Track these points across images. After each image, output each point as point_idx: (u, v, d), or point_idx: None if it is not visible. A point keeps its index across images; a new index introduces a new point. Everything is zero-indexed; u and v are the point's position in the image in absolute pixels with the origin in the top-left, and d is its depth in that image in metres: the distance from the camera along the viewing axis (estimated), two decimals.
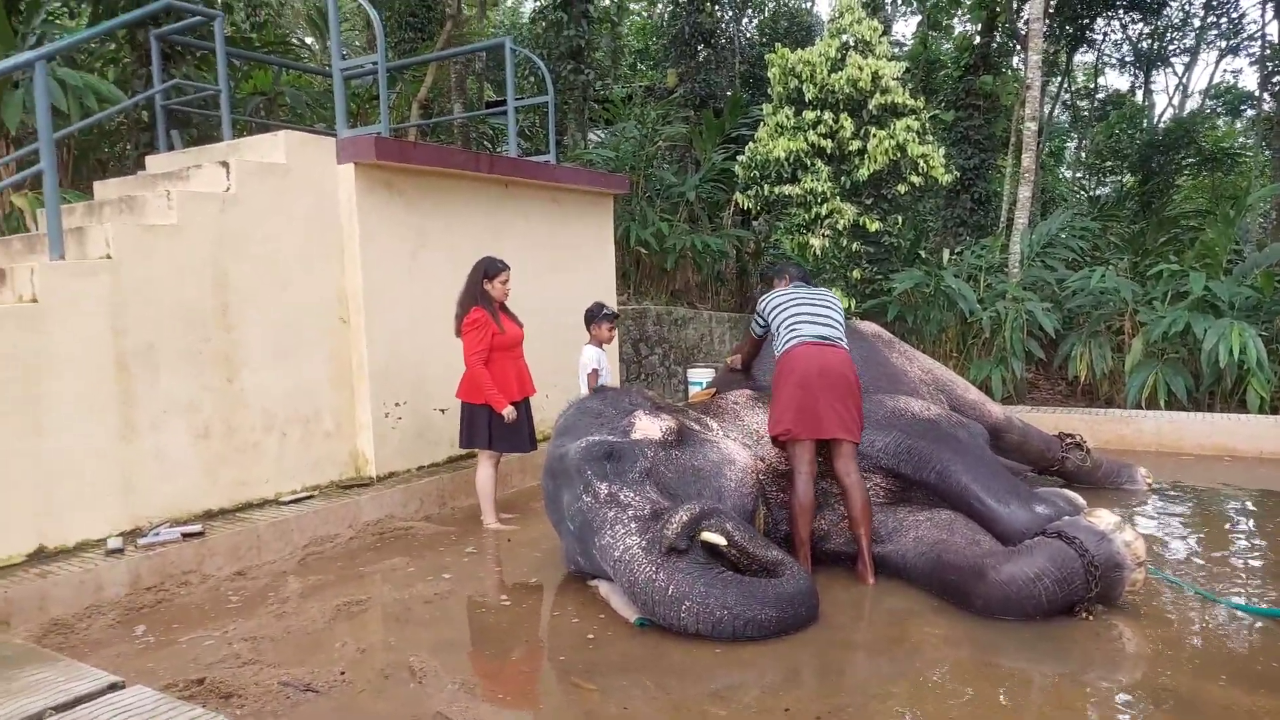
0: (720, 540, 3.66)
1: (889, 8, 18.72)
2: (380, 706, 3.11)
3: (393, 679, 3.32)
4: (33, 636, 3.69)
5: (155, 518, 4.61)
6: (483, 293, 5.08)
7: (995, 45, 15.01)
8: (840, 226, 9.94)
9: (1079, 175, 24.69)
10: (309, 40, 14.47)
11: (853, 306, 10.14)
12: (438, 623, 3.94)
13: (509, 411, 5.05)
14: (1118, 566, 3.56)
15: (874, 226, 9.94)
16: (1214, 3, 20.72)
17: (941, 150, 10.14)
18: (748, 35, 18.13)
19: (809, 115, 10.03)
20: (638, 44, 20.12)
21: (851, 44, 10.16)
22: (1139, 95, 25.87)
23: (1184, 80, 26.71)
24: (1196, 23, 22.96)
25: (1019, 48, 16.48)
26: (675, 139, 12.21)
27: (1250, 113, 21.87)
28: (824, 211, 9.98)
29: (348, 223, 5.47)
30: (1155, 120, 25.13)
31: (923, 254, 10.78)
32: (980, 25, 15.17)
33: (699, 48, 14.25)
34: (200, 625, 3.89)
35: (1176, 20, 22.29)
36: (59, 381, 4.21)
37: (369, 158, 5.34)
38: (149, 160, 5.98)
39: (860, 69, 9.81)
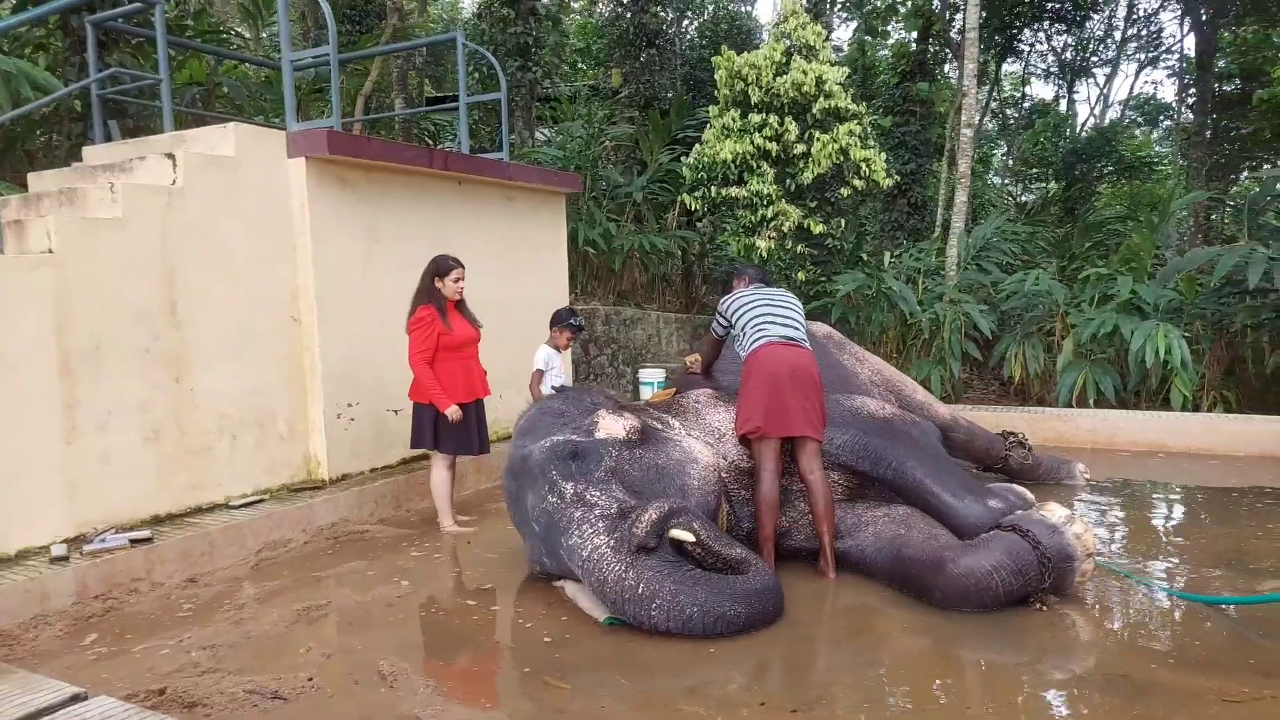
0: (689, 537, 3.70)
1: (829, 13, 19.04)
2: (353, 711, 3.07)
3: (362, 683, 3.27)
4: None
5: (101, 523, 4.45)
6: (433, 290, 4.99)
7: (931, 54, 15.38)
8: (786, 229, 10.08)
9: (1006, 182, 25.47)
10: (243, 30, 14.09)
11: None
12: (401, 626, 3.89)
13: (453, 411, 4.97)
14: (1069, 558, 3.70)
15: (818, 229, 10.11)
16: (1135, 17, 21.58)
17: (883, 155, 10.36)
18: (688, 37, 18.26)
19: (754, 118, 10.14)
20: (579, 43, 20.10)
21: (796, 48, 10.31)
22: (1063, 105, 26.80)
23: (1105, 91, 27.76)
24: (1118, 35, 23.91)
25: (951, 56, 16.97)
26: (621, 139, 12.22)
27: (1167, 123, 22.82)
28: (770, 214, 10.11)
29: (299, 219, 5.36)
30: (1078, 129, 26.09)
31: (864, 257, 11.01)
32: (916, 33, 15.54)
33: (643, 48, 14.31)
34: (154, 634, 3.77)
35: (1099, 33, 23.19)
36: None
37: (321, 152, 5.23)
38: (86, 151, 5.75)
39: (804, 73, 9.96)
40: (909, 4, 16.03)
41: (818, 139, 9.97)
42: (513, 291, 6.86)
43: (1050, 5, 19.34)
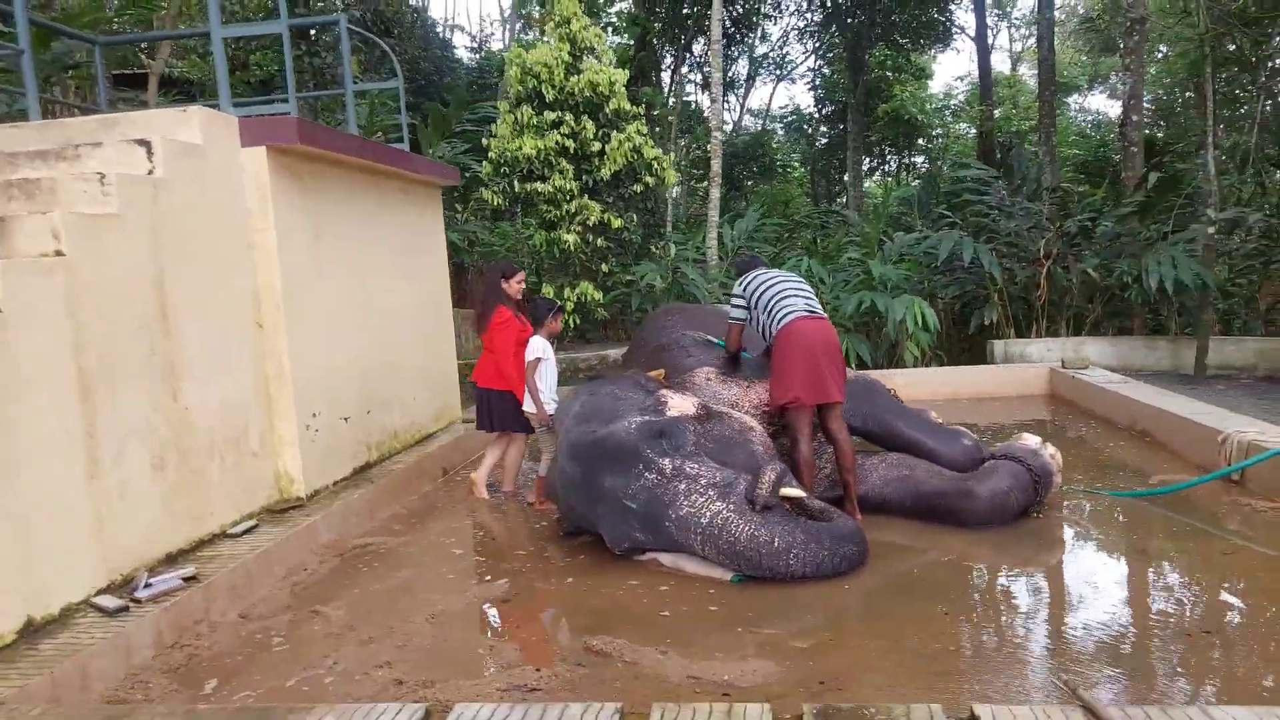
0: (799, 493, 4.20)
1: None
2: (622, 685, 3.14)
3: (589, 664, 3.32)
4: None
5: (126, 569, 3.81)
6: (501, 291, 5.29)
7: (651, 61, 16.63)
8: (590, 223, 10.58)
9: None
10: None
11: (602, 298, 10.88)
12: (545, 613, 3.96)
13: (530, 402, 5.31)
14: (1050, 474, 4.77)
15: (617, 224, 10.75)
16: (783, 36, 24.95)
17: (672, 155, 11.26)
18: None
19: (550, 116, 10.50)
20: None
21: (583, 49, 10.80)
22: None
23: (744, 101, 31.61)
24: (758, 53, 27.36)
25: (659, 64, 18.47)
26: (392, 129, 11.84)
27: (810, 130, 26.55)
28: (573, 209, 10.55)
29: (260, 214, 4.84)
30: (726, 136, 29.45)
31: (653, 249, 11.86)
32: (635, 40, 16.69)
33: (381, 37, 13.83)
34: (279, 671, 3.40)
35: (744, 52, 26.46)
36: (24, 410, 3.34)
37: (289, 141, 4.79)
38: None
39: (598, 73, 10.52)
40: (622, 12, 17.16)
41: (613, 137, 10.59)
42: (414, 286, 6.68)
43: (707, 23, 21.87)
